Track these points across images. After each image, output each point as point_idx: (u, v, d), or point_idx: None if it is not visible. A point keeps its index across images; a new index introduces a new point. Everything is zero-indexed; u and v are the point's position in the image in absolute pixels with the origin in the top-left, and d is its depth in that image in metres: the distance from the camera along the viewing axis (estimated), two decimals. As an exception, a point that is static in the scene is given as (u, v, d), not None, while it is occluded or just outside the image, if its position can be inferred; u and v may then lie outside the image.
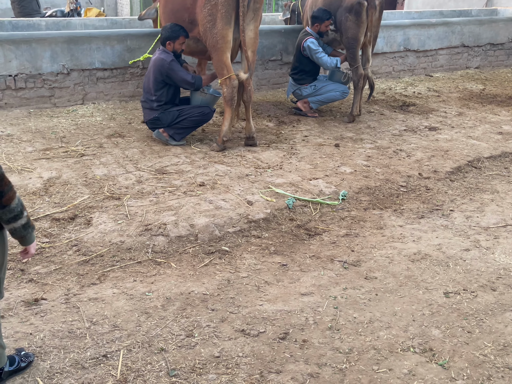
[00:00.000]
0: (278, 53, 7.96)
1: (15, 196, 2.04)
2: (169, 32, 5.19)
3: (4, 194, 2.00)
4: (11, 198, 2.02)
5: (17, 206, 2.05)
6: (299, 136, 6.06)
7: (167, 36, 5.21)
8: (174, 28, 5.21)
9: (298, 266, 3.52)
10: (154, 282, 3.24)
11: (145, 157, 5.14)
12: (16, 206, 2.04)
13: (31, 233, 2.18)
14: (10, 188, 2.02)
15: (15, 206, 2.04)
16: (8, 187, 2.01)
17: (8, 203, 2.01)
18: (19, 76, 6.19)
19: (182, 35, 5.22)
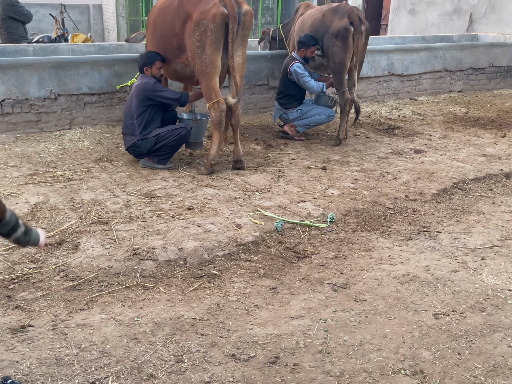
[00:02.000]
0: (265, 78, 8.06)
1: (5, 209, 2.05)
2: (145, 59, 5.38)
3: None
4: (3, 212, 2.03)
5: (11, 218, 2.07)
6: (286, 159, 6.10)
7: (144, 63, 5.39)
8: (149, 54, 5.43)
9: (288, 289, 3.51)
10: (142, 307, 3.21)
11: (133, 181, 5.13)
12: (10, 218, 2.06)
13: (34, 235, 2.22)
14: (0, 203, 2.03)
15: (9, 218, 2.05)
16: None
17: (1, 217, 2.01)
18: (5, 101, 6.19)
19: (158, 59, 5.39)
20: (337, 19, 6.48)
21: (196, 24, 4.98)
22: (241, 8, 5.07)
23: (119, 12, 17.10)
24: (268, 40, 8.45)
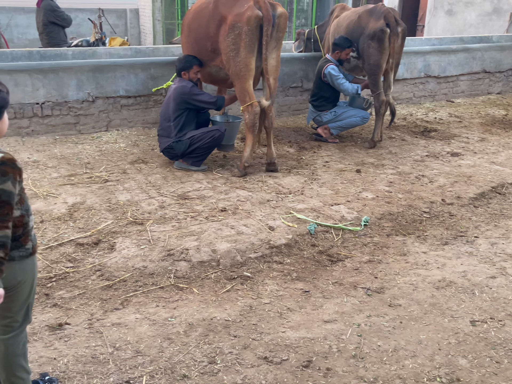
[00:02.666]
0: (299, 80, 8.04)
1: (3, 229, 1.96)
2: (182, 63, 5.44)
3: None
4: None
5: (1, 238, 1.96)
6: (320, 161, 6.07)
7: (181, 67, 5.45)
8: (187, 58, 5.49)
9: (321, 292, 3.49)
10: (176, 307, 3.24)
11: (167, 182, 5.19)
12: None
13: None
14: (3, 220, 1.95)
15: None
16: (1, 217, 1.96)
17: None
18: (46, 104, 6.35)
19: (196, 64, 5.45)
20: (373, 20, 6.42)
21: (231, 27, 5.01)
22: (276, 10, 5.07)
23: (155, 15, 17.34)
24: (303, 40, 8.43)
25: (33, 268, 2.21)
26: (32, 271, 2.20)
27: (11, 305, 2.17)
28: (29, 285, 2.19)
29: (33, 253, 2.18)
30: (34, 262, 2.21)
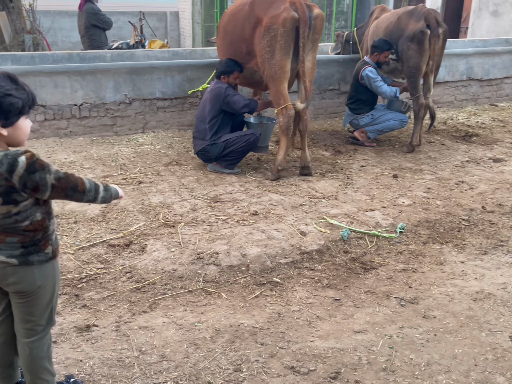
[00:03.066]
0: (336, 83, 7.93)
1: (83, 180, 2.12)
2: (224, 67, 5.41)
3: (77, 185, 2.09)
4: (83, 183, 2.11)
5: (90, 184, 2.15)
6: (355, 166, 5.95)
7: (222, 71, 5.42)
8: (229, 63, 5.44)
9: (352, 301, 3.39)
10: (204, 312, 3.21)
11: (200, 185, 5.18)
12: (89, 185, 2.14)
13: (113, 189, 2.29)
14: (76, 179, 2.10)
15: (89, 185, 2.14)
16: (74, 180, 2.08)
17: (84, 189, 2.11)
18: (83, 106, 6.45)
19: (236, 70, 5.43)
20: (413, 21, 6.27)
21: (266, 29, 4.96)
22: (312, 12, 5.00)
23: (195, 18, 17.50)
24: (341, 42, 8.31)
25: (54, 273, 2.19)
26: (53, 276, 2.19)
27: (33, 309, 2.16)
28: (50, 289, 2.19)
29: (53, 258, 2.17)
30: (55, 267, 2.20)
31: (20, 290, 2.12)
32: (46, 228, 2.14)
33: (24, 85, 2.00)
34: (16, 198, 1.98)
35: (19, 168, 1.93)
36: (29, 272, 2.11)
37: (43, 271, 2.15)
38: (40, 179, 1.97)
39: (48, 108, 6.27)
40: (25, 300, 2.15)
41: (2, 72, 1.97)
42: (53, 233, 2.19)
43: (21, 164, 1.94)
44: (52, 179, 2.00)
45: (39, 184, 1.97)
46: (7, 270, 2.08)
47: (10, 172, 1.93)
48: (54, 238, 2.20)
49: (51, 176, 2.00)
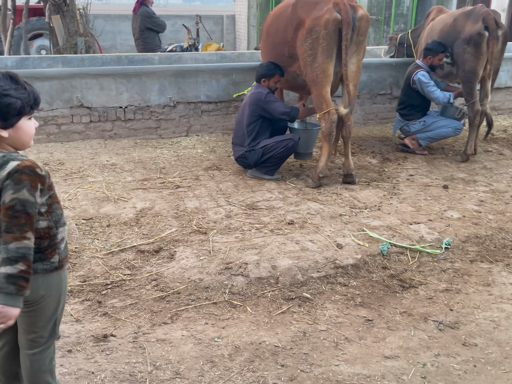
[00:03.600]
0: (388, 87, 7.62)
1: (21, 240, 1.84)
2: (265, 70, 5.25)
3: (11, 232, 1.84)
4: (16, 239, 1.83)
5: (18, 250, 1.84)
6: (403, 174, 5.65)
7: (262, 74, 5.27)
8: (270, 66, 5.29)
9: (386, 322, 3.15)
10: (225, 327, 3.06)
11: (238, 191, 5.05)
12: (16, 249, 1.84)
13: (9, 288, 1.85)
14: (21, 230, 1.84)
15: (14, 247, 1.84)
16: (17, 228, 1.84)
17: (10, 241, 1.84)
18: (128, 108, 6.47)
19: (278, 73, 5.26)
20: (470, 23, 5.90)
21: (308, 31, 4.77)
22: (357, 12, 4.76)
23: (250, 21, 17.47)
24: (395, 45, 7.97)
25: (59, 283, 2.10)
26: (58, 286, 2.10)
27: (36, 320, 2.08)
28: (54, 300, 2.09)
29: (59, 267, 2.07)
30: (61, 277, 2.10)
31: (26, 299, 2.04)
32: (53, 237, 2.04)
33: (26, 85, 1.92)
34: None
35: (3, 170, 1.84)
36: (33, 281, 2.01)
37: (48, 281, 2.06)
38: (5, 186, 1.82)
39: (94, 110, 6.33)
40: (28, 309, 2.06)
41: (3, 72, 1.89)
42: (61, 241, 2.09)
43: (8, 167, 1.84)
44: (8, 198, 1.81)
45: (1, 189, 1.83)
46: None
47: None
48: (63, 247, 2.11)
49: (11, 196, 1.81)
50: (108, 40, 17.59)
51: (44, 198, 1.99)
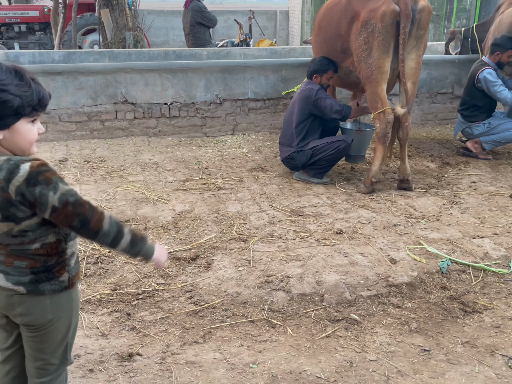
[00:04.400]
0: (449, 86, 7.11)
1: (103, 217, 1.71)
2: (317, 65, 4.90)
3: (90, 220, 1.68)
4: (99, 221, 1.70)
5: (111, 227, 1.72)
6: (465, 181, 5.17)
7: (315, 69, 4.92)
8: (323, 61, 4.92)
9: (445, 354, 2.76)
10: (262, 350, 2.75)
11: (283, 195, 4.73)
12: (109, 228, 1.72)
13: (146, 248, 1.85)
14: (93, 213, 1.70)
15: (108, 228, 1.72)
16: (91, 212, 1.69)
17: (98, 228, 1.70)
18: (173, 105, 6.26)
19: (331, 69, 4.90)
20: (545, 16, 5.34)
21: (363, 24, 4.39)
22: (417, 4, 4.33)
23: (304, 17, 17.07)
24: (460, 40, 7.42)
25: (70, 304, 1.85)
26: (69, 308, 1.85)
27: (44, 346, 1.84)
28: (64, 324, 1.85)
29: (69, 287, 1.82)
30: (72, 297, 1.86)
31: (29, 323, 1.81)
32: (61, 253, 1.80)
33: (33, 82, 1.66)
34: (16, 214, 1.65)
35: (18, 176, 1.59)
36: (39, 303, 1.78)
37: (57, 302, 1.82)
38: (40, 195, 1.61)
39: (138, 106, 6.15)
40: (35, 334, 1.83)
41: (9, 65, 1.65)
42: (71, 257, 1.84)
43: (21, 172, 1.59)
44: (56, 200, 1.62)
45: (37, 201, 1.62)
46: (14, 298, 1.77)
47: (7, 181, 1.59)
48: (73, 263, 1.86)
49: (56, 196, 1.62)
50: (161, 36, 17.60)
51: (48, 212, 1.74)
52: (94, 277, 3.42)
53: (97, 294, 3.21)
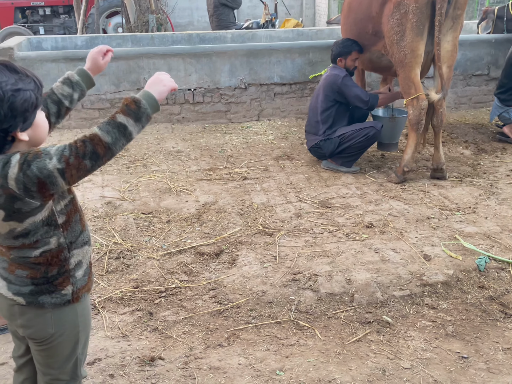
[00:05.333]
0: (485, 67, 6.77)
1: (98, 135, 1.49)
2: (340, 48, 4.68)
3: (94, 150, 1.49)
4: (100, 141, 1.49)
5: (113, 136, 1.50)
6: (502, 170, 4.92)
7: (338, 52, 4.71)
8: (346, 43, 4.71)
9: (485, 362, 2.58)
10: (289, 356, 2.62)
11: (310, 185, 4.56)
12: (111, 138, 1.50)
13: (151, 106, 1.57)
14: (89, 141, 1.48)
15: (111, 139, 1.51)
16: (86, 146, 1.48)
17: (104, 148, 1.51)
18: (197, 90, 6.10)
19: (355, 50, 4.66)
20: None
21: (396, 5, 4.14)
22: (455, -19, 4.06)
23: (331, -5, 16.60)
24: (492, 20, 7.04)
25: (75, 319, 1.73)
26: (74, 323, 1.73)
27: (50, 361, 1.73)
28: (70, 339, 1.73)
29: (74, 301, 1.70)
30: (77, 312, 1.73)
31: (30, 336, 1.71)
32: (64, 262, 1.67)
33: (26, 71, 1.54)
34: (22, 209, 1.52)
35: (11, 169, 1.45)
36: (40, 316, 1.68)
37: (59, 317, 1.69)
38: (40, 170, 1.44)
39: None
40: (39, 348, 1.73)
41: None
42: (77, 268, 1.71)
43: (13, 163, 1.46)
44: (56, 162, 1.44)
45: (41, 178, 1.45)
46: (15, 309, 1.67)
47: (4, 177, 1.46)
48: (81, 275, 1.73)
49: (53, 161, 1.44)
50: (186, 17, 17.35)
51: (64, 203, 1.63)
52: (116, 273, 3.33)
53: (119, 292, 3.12)
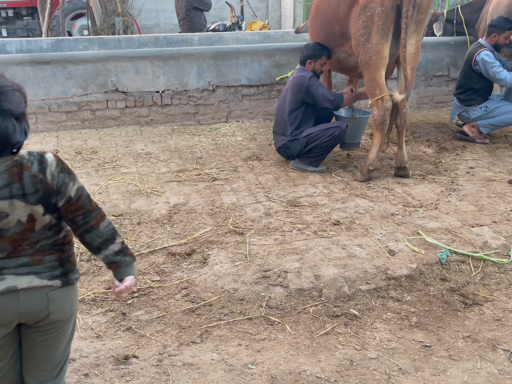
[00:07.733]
0: (445, 68, 7.01)
1: (104, 218, 1.77)
2: (311, 51, 4.81)
3: (93, 217, 1.75)
4: (100, 220, 1.75)
5: (107, 230, 1.76)
6: (463, 167, 5.11)
7: (309, 55, 4.83)
8: (317, 47, 4.86)
9: (446, 350, 2.72)
10: (261, 350, 2.70)
11: (279, 184, 4.66)
12: (104, 229, 1.76)
13: (127, 261, 1.84)
14: (99, 210, 1.76)
15: (103, 229, 1.76)
16: (96, 210, 1.75)
17: (96, 225, 1.74)
18: (165, 93, 6.14)
19: (325, 54, 4.82)
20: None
21: (363, 8, 4.28)
22: (418, -13, 4.22)
23: (296, -3, 16.79)
24: (443, 22, 7.25)
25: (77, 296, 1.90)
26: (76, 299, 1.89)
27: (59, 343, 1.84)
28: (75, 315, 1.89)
29: None
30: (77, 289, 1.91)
31: (60, 318, 1.78)
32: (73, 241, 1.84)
33: None
34: (57, 202, 1.68)
35: (49, 165, 1.65)
36: (69, 295, 1.80)
37: (76, 293, 1.86)
38: (63, 183, 1.67)
39: (129, 94, 6.02)
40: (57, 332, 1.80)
41: None
42: None
43: (49, 160, 1.66)
44: (74, 191, 1.69)
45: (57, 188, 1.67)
46: (50, 295, 1.74)
47: (43, 171, 1.63)
48: None
49: (74, 188, 1.69)
50: (152, 19, 17.28)
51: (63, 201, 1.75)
52: (88, 275, 3.35)
53: (91, 293, 3.15)
